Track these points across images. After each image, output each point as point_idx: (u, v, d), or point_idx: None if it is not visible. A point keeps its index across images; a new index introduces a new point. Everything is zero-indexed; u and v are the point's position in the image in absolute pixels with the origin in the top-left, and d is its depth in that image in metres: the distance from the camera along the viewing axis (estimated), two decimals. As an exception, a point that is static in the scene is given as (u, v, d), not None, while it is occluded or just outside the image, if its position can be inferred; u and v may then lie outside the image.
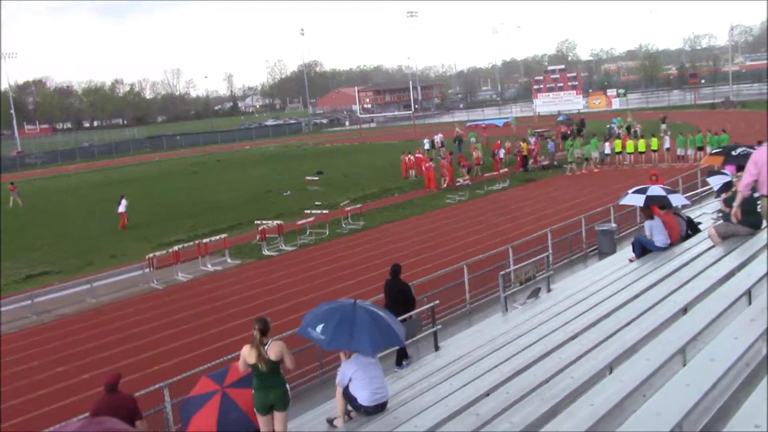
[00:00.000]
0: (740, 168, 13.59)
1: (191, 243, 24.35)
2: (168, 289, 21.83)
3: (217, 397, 8.30)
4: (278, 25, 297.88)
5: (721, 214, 12.65)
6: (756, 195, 11.48)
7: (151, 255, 22.52)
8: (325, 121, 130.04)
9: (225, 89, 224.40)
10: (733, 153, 14.54)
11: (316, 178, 42.84)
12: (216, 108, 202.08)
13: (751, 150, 13.74)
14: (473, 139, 51.61)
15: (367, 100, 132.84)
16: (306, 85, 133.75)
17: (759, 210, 11.38)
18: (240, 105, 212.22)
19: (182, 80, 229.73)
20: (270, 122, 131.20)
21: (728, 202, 11.82)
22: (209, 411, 8.19)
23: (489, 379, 7.49)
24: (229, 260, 24.46)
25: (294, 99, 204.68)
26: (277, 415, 7.87)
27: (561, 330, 8.80)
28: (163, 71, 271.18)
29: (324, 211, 29.21)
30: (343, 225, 28.51)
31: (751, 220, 11.26)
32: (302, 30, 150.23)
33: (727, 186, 14.91)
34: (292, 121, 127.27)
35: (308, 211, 29.14)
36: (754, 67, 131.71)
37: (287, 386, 8.11)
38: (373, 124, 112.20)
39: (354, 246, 25.25)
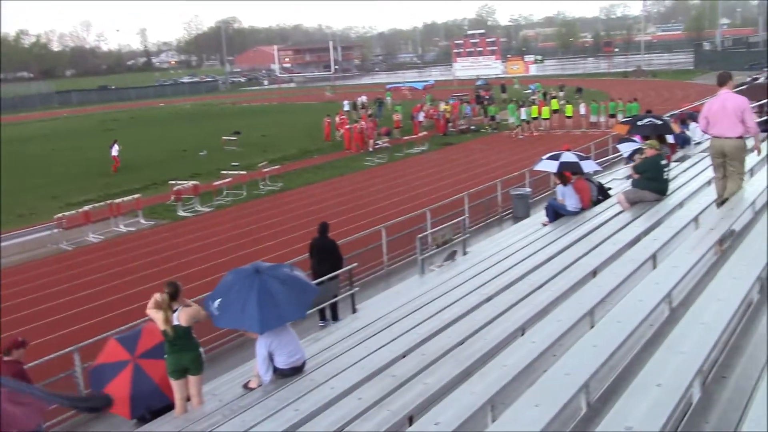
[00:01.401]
0: (645, 138, 14.11)
1: (103, 203, 23.60)
2: (78, 250, 21.15)
3: (129, 369, 8.08)
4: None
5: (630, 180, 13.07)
6: (663, 162, 11.96)
7: (60, 215, 21.74)
8: (243, 79, 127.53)
9: (138, 44, 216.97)
10: (639, 123, 15.02)
11: (234, 138, 42.05)
12: (129, 63, 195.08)
13: (656, 121, 14.32)
14: (388, 98, 51.65)
15: (287, 59, 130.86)
16: (223, 42, 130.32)
17: (665, 177, 11.86)
18: (154, 61, 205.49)
19: (92, 33, 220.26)
20: (186, 79, 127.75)
21: (637, 169, 12.24)
22: (122, 383, 7.98)
23: (405, 341, 7.58)
24: (142, 221, 23.85)
25: (211, 56, 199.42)
26: (192, 379, 7.74)
27: (476, 293, 8.96)
28: (72, 23, 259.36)
29: (241, 172, 28.77)
30: (261, 186, 28.17)
31: (657, 186, 11.70)
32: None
33: (636, 153, 15.43)
34: (209, 79, 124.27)
35: (225, 172, 28.64)
36: (665, 38, 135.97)
37: (201, 350, 7.97)
38: (292, 84, 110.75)
39: (272, 207, 25.01)
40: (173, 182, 26.64)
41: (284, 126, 51.01)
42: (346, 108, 51.14)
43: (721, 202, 9.34)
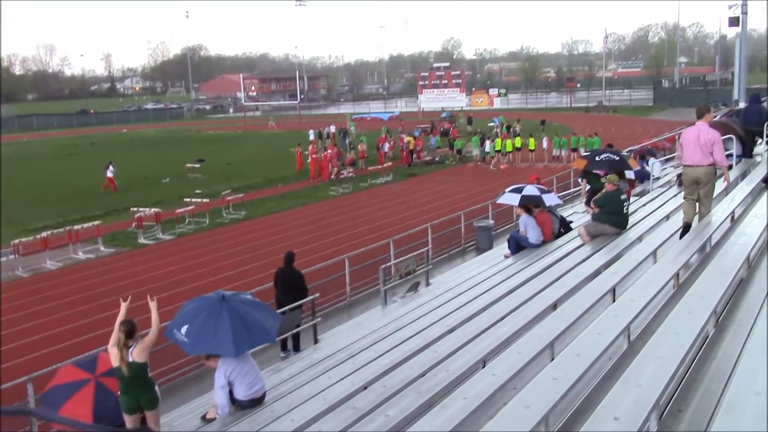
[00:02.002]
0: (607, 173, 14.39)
1: (62, 229, 23.22)
2: (34, 277, 20.75)
3: (90, 386, 7.89)
4: (162, 6, 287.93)
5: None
6: (623, 197, 12.18)
7: (16, 241, 21.32)
8: (208, 107, 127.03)
9: (103, 69, 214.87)
10: (597, 158, 15.29)
11: (197, 165, 41.80)
12: (92, 88, 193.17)
13: (614, 156, 14.64)
14: (352, 128, 51.88)
15: (253, 87, 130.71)
16: (189, 69, 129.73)
17: (625, 211, 12.08)
18: (119, 86, 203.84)
19: (56, 57, 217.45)
20: (150, 106, 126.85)
21: (597, 203, 12.45)
22: (82, 400, 7.75)
23: (367, 373, 7.55)
24: (102, 248, 23.50)
25: (176, 83, 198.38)
26: (148, 414, 7.58)
27: (438, 324, 8.98)
28: (36, 47, 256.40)
29: (204, 200, 28.59)
30: (224, 214, 27.99)
31: (617, 220, 11.91)
32: (187, 12, 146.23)
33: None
34: (174, 106, 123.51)
35: (188, 200, 28.42)
36: (626, 74, 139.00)
37: (156, 388, 7.81)
38: (258, 113, 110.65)
39: (234, 236, 24.84)
40: (135, 209, 26.34)
41: (249, 154, 50.88)
42: (311, 137, 51.20)
43: (685, 227, 9.91)
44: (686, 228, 9.87)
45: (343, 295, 16.72)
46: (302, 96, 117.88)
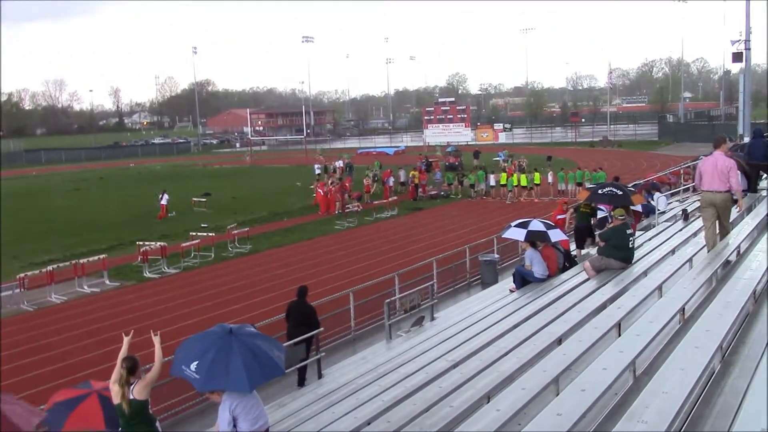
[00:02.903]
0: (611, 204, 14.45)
1: (67, 263, 23.26)
2: (39, 311, 20.72)
3: (93, 397, 7.77)
4: (170, 41, 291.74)
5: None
6: (629, 232, 12.18)
7: (22, 275, 21.35)
8: (215, 141, 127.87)
9: (111, 104, 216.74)
10: (599, 192, 15.34)
11: (204, 199, 41.94)
12: (101, 123, 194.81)
13: (616, 191, 14.73)
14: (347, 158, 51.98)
15: (259, 122, 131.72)
16: (197, 104, 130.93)
17: (631, 245, 12.06)
18: (126, 121, 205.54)
19: (65, 92, 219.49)
20: (158, 140, 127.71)
21: (602, 237, 12.45)
22: (89, 410, 7.60)
23: (370, 408, 7.50)
24: (107, 282, 23.50)
25: (184, 118, 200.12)
26: None
27: (442, 359, 8.93)
28: (45, 82, 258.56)
29: (210, 234, 28.60)
30: (230, 248, 28.00)
31: (623, 254, 11.88)
32: (195, 48, 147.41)
33: (602, 221, 15.71)
34: (181, 140, 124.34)
35: (194, 233, 28.45)
36: (630, 109, 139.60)
37: (157, 424, 7.73)
38: (264, 147, 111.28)
39: (240, 270, 24.83)
40: (140, 243, 26.37)
41: (255, 188, 51.06)
42: (317, 172, 51.42)
43: (708, 249, 10.71)
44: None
45: (348, 330, 16.66)
46: (308, 131, 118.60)
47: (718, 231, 10.86)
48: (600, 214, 16.60)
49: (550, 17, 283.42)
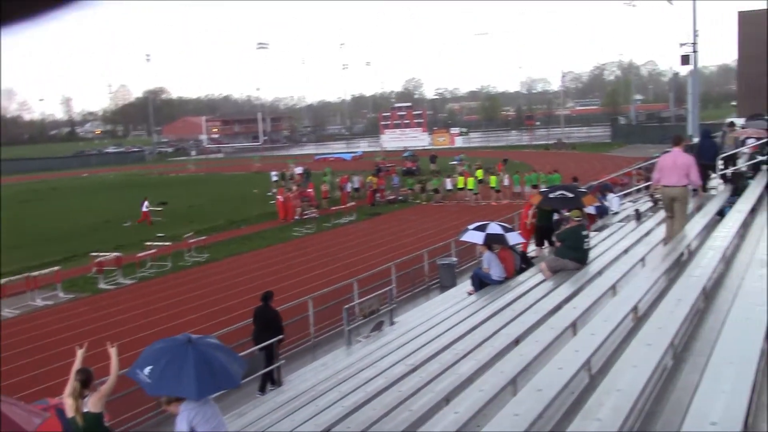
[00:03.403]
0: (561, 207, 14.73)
1: (19, 276, 22.74)
2: (-10, 325, 20.21)
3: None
4: (122, 49, 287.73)
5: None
6: (584, 233, 12.36)
7: (-29, 291, 20.83)
8: (170, 149, 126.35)
9: (62, 113, 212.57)
10: (551, 195, 15.57)
11: (159, 208, 41.39)
12: (52, 132, 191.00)
13: (568, 194, 15.00)
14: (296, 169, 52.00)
15: (215, 129, 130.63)
16: (151, 112, 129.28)
17: (585, 247, 12.25)
18: (79, 130, 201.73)
19: (15, 102, 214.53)
20: (111, 149, 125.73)
21: (559, 238, 12.62)
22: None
23: (330, 415, 7.48)
24: (61, 294, 23.03)
25: (138, 126, 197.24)
26: None
27: (401, 363, 8.96)
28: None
29: (167, 243, 28.25)
30: (187, 258, 27.68)
31: (578, 255, 12.06)
32: (148, 55, 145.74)
33: (559, 222, 15.92)
34: (135, 149, 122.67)
35: (149, 243, 28.07)
36: (583, 112, 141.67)
37: None
38: (220, 155, 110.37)
39: (197, 279, 24.55)
40: (95, 254, 25.90)
41: (211, 196, 50.57)
42: (274, 179, 51.13)
43: (667, 240, 11.61)
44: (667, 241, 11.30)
45: (307, 336, 16.58)
46: (265, 137, 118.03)
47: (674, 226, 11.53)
48: (556, 216, 16.83)
49: (503, 22, 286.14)
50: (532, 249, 16.61)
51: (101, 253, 25.80)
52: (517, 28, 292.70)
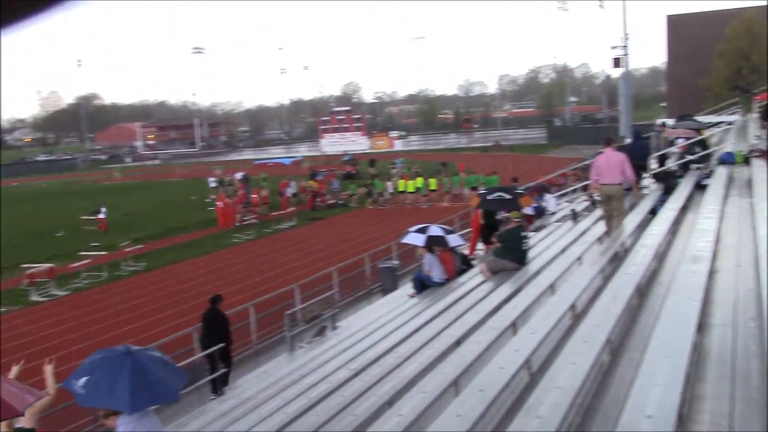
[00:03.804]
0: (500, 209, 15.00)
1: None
2: None
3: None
4: (53, 54, 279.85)
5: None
6: (523, 234, 12.55)
7: None
8: (104, 157, 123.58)
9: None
10: (488, 197, 15.76)
11: (94, 217, 40.40)
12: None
13: (505, 195, 15.24)
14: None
15: (151, 136, 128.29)
16: (83, 118, 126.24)
17: (524, 247, 12.42)
18: (7, 138, 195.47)
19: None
20: (41, 157, 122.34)
21: (499, 238, 12.77)
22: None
23: (273, 422, 7.41)
24: (-9, 308, 22.28)
25: (70, 133, 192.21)
26: None
27: (345, 368, 8.94)
28: None
29: (102, 253, 27.59)
30: (123, 267, 27.08)
31: (517, 256, 12.22)
32: (79, 61, 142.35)
33: (499, 222, 16.13)
34: (67, 157, 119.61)
35: (84, 253, 27.37)
36: (520, 114, 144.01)
37: None
38: (156, 161, 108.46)
39: (135, 288, 24.05)
40: (26, 265, 25.12)
41: (148, 204, 49.62)
42: (212, 185, 50.49)
43: (607, 235, 12.27)
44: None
45: (249, 344, 16.41)
46: (202, 143, 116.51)
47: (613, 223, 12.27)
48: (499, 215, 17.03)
49: (439, 25, 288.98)
50: (481, 248, 16.97)
51: (33, 265, 25.05)
52: (454, 32, 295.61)
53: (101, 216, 38.58)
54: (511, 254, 12.18)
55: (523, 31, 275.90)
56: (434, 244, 13.72)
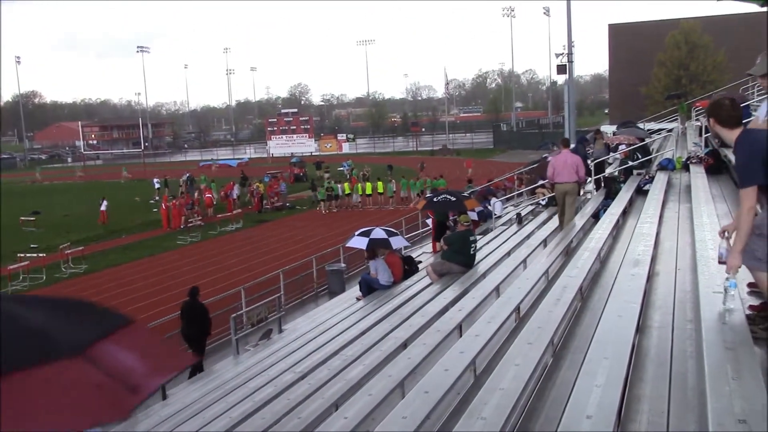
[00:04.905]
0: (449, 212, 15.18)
1: None
2: None
3: None
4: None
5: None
6: (471, 238, 12.66)
7: None
8: (44, 156, 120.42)
9: None
10: (435, 200, 15.94)
11: (33, 218, 39.30)
12: None
13: (450, 198, 15.52)
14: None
15: (93, 135, 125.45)
16: (22, 117, 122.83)
17: (472, 252, 12.54)
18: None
19: None
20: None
21: (447, 241, 12.87)
22: None
23: (217, 426, 7.34)
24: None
25: (8, 132, 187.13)
26: None
27: (290, 371, 8.89)
28: None
29: (41, 255, 26.91)
30: (63, 269, 26.45)
31: (464, 259, 12.34)
32: (18, 58, 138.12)
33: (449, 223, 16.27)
34: (6, 156, 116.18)
35: (22, 255, 26.65)
36: (467, 119, 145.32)
37: None
38: (99, 161, 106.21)
39: (74, 292, 23.46)
40: (-40, 268, 24.39)
41: (89, 205, 48.53)
42: (157, 186, 49.70)
43: (560, 229, 13.33)
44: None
45: (194, 347, 16.15)
46: (146, 144, 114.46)
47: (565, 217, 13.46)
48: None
49: (388, 29, 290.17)
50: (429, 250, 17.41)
51: (-32, 267, 24.32)
52: (402, 36, 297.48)
53: (102, 209, 39.31)
54: (458, 258, 12.29)
55: (471, 36, 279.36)
56: (377, 246, 13.79)
